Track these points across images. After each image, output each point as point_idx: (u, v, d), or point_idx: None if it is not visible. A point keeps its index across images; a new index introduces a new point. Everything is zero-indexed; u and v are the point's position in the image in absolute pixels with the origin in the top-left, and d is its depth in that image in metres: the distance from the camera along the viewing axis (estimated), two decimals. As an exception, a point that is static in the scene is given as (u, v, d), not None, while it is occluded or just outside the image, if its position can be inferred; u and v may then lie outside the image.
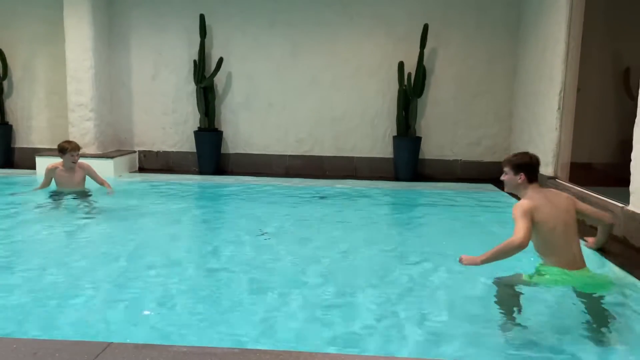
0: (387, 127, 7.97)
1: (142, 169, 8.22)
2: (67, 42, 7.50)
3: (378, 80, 7.88)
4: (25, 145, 8.30)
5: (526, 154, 3.51)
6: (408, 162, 7.72)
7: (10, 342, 2.44)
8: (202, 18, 7.70)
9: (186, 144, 8.20)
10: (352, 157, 8.08)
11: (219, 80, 8.00)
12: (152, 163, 8.31)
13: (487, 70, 7.77)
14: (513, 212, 3.26)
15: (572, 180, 6.17)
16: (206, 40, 7.79)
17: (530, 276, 3.31)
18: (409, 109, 7.69)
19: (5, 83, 8.20)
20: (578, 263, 3.31)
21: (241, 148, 8.18)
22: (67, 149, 5.75)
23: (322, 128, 8.04)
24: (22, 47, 8.16)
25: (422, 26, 7.43)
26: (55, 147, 5.91)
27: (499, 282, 3.32)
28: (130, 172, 7.92)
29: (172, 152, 8.28)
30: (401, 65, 7.64)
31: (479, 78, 7.80)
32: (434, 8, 7.67)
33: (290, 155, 8.14)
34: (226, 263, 3.98)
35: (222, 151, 8.13)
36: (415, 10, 7.67)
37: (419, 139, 7.79)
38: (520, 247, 3.09)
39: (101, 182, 6.08)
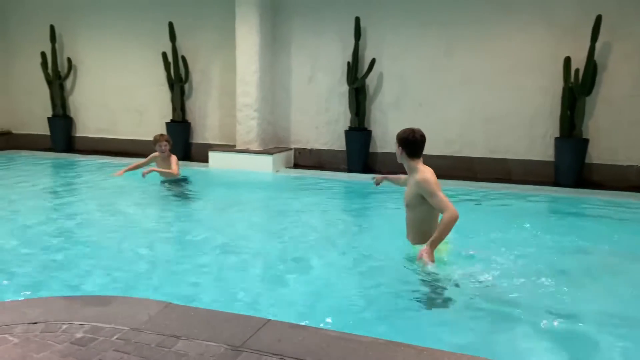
0: (547, 127, 7.38)
1: (296, 165, 8.76)
2: (238, 49, 8.33)
3: (538, 77, 7.34)
4: (200, 141, 9.37)
5: (410, 130, 3.65)
6: (571, 166, 7.07)
7: (189, 309, 2.81)
8: (357, 21, 7.93)
9: (337, 142, 8.54)
10: (506, 159, 7.65)
11: (370, 80, 8.17)
12: (306, 160, 8.81)
13: (674, 64, 6.77)
14: (425, 188, 3.50)
15: None
16: (360, 42, 8.02)
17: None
18: (575, 108, 7.04)
19: (186, 86, 9.39)
20: None
21: (389, 147, 8.24)
22: (155, 140, 6.72)
23: (474, 128, 7.74)
24: (200, 54, 9.25)
25: (594, 18, 6.74)
26: (225, 143, 6.64)
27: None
28: (286, 168, 8.51)
29: (324, 150, 8.69)
30: (567, 61, 7.02)
31: (664, 73, 6.83)
32: (609, -3, 6.90)
33: (437, 156, 7.97)
34: (353, 258, 4.14)
35: (371, 150, 8.30)
36: (585, 0, 6.99)
37: (586, 141, 7.08)
38: (457, 217, 3.43)
39: (169, 168, 6.71)
